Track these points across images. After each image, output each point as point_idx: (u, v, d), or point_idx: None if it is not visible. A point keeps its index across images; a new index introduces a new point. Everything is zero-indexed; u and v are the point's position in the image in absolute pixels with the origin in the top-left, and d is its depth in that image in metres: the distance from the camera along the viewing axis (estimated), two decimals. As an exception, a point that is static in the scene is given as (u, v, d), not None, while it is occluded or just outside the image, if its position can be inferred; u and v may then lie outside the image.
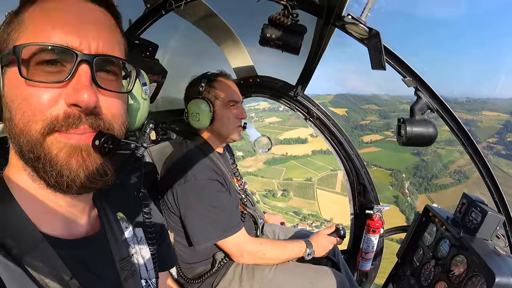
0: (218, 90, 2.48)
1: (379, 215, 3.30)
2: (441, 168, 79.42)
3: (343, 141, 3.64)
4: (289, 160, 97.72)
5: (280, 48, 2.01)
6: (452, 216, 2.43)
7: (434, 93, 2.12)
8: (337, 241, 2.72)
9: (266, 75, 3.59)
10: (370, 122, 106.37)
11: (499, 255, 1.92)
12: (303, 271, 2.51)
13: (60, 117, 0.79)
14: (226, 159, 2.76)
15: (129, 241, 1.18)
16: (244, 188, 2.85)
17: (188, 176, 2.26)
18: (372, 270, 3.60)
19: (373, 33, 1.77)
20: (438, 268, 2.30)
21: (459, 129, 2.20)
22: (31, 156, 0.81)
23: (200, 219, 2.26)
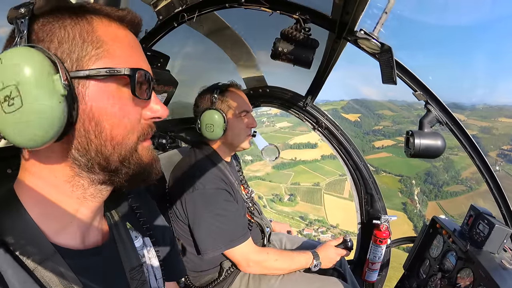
0: (230, 100, 2.50)
1: (386, 225, 3.30)
2: (453, 175, 78.52)
3: (351, 150, 3.66)
4: (298, 165, 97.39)
5: (291, 62, 2.04)
6: (459, 228, 2.44)
7: (444, 106, 2.14)
8: (345, 253, 2.73)
9: (275, 86, 3.63)
10: (383, 127, 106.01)
11: (505, 269, 1.93)
12: (310, 281, 2.52)
13: (145, 130, 0.94)
14: (233, 168, 2.79)
15: (138, 251, 1.18)
16: (251, 197, 2.87)
17: (197, 185, 2.28)
18: (379, 281, 3.59)
19: (385, 48, 1.79)
20: (445, 281, 2.30)
21: (468, 142, 2.22)
22: (125, 164, 0.91)
23: (208, 228, 2.28)
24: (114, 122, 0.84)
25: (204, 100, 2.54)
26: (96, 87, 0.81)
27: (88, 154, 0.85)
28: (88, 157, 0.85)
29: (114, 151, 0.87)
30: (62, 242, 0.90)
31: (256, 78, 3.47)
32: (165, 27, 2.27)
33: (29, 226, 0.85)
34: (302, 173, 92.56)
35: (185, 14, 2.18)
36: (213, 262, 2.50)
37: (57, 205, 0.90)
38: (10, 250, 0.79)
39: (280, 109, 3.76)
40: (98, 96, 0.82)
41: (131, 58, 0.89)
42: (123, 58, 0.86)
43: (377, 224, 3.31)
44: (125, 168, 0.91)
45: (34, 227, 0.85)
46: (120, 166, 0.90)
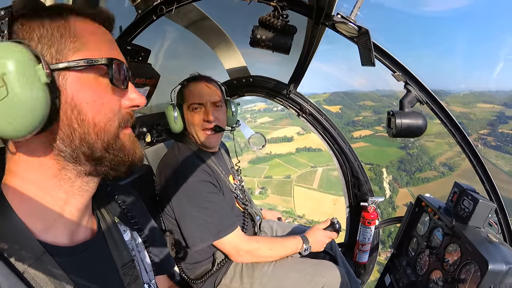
0: (186, 94, 2.49)
1: (373, 207, 3.34)
2: (427, 161, 79.34)
3: (335, 135, 3.67)
4: (273, 159, 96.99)
5: (270, 49, 2.03)
6: (444, 205, 2.46)
7: (424, 86, 2.15)
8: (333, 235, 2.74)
9: (259, 75, 3.61)
10: (363, 118, 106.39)
11: (492, 243, 1.95)
12: (302, 266, 2.53)
13: (125, 117, 0.97)
14: (220, 158, 2.76)
15: (128, 244, 1.19)
16: (241, 186, 2.87)
17: (180, 178, 2.28)
18: (370, 262, 3.63)
19: (363, 31, 1.80)
20: (433, 257, 2.33)
21: (449, 121, 2.24)
22: (110, 150, 0.93)
23: (193, 220, 2.27)
24: (95, 110, 0.88)
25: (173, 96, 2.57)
26: (75, 77, 0.85)
27: (73, 144, 0.87)
28: (73, 146, 0.87)
29: (98, 138, 0.90)
30: (50, 239, 0.90)
31: (239, 69, 3.44)
32: (144, 20, 2.24)
33: (16, 226, 0.84)
34: (276, 167, 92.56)
35: (164, 7, 2.15)
36: (206, 253, 2.49)
37: (43, 202, 0.90)
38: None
39: (264, 97, 3.76)
40: (78, 86, 0.85)
41: (107, 50, 0.92)
42: (100, 50, 0.90)
43: (365, 206, 3.36)
44: (109, 154, 0.93)
45: (22, 227, 0.84)
46: (104, 153, 0.92)
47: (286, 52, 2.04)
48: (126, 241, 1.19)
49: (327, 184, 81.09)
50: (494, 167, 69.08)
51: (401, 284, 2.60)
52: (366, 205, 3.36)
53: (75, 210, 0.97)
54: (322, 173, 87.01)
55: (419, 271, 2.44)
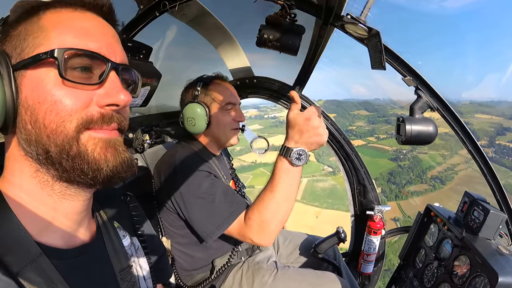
0: (214, 93, 2.46)
1: (380, 216, 3.32)
2: (419, 173, 79.32)
3: (341, 140, 3.66)
4: (258, 168, 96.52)
5: (277, 49, 2.02)
6: (454, 215, 2.46)
7: (435, 92, 2.14)
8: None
9: (263, 76, 3.60)
10: (356, 127, 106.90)
11: (502, 255, 1.95)
12: (305, 277, 2.50)
13: (95, 117, 0.87)
14: (222, 162, 2.74)
15: (127, 250, 1.18)
16: (242, 191, 2.85)
17: (183, 173, 2.23)
18: (375, 273, 3.61)
19: (373, 33, 1.77)
20: (441, 269, 2.32)
21: (460, 128, 2.23)
22: (64, 156, 0.84)
23: (203, 210, 2.16)
24: (46, 109, 0.83)
25: (188, 93, 2.52)
26: (30, 75, 0.83)
27: (33, 145, 0.85)
28: (33, 148, 0.85)
29: (50, 141, 0.84)
30: (47, 241, 0.89)
31: (242, 69, 3.44)
32: (146, 16, 2.22)
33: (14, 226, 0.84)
34: (261, 176, 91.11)
35: (167, 3, 2.14)
36: (204, 260, 2.48)
37: (34, 203, 0.90)
38: None
39: (268, 100, 3.75)
40: (30, 84, 0.83)
41: (74, 40, 0.85)
42: (62, 41, 0.84)
43: (371, 215, 3.34)
44: (67, 161, 0.85)
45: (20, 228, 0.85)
46: (59, 158, 0.85)
47: (294, 53, 2.03)
48: (125, 247, 1.18)
49: (310, 196, 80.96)
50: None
51: (407, 297, 2.57)
52: (372, 214, 3.33)
53: (68, 215, 0.96)
54: (307, 183, 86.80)
55: (427, 283, 2.43)
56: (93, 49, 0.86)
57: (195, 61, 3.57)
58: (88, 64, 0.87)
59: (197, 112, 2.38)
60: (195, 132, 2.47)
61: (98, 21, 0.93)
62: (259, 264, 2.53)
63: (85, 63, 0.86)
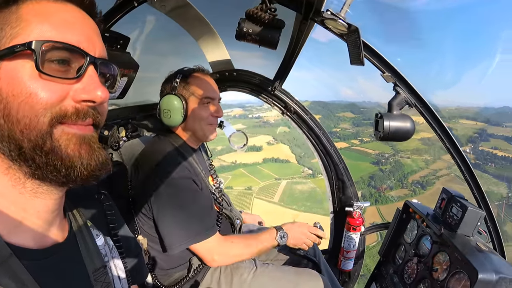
0: (193, 86, 2.42)
1: (359, 212, 3.32)
2: (400, 178, 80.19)
3: (321, 135, 3.63)
4: (238, 168, 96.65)
5: (257, 43, 1.98)
6: (432, 212, 2.47)
7: (413, 88, 2.14)
8: (313, 229, 2.67)
9: (243, 69, 3.54)
10: (341, 129, 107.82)
11: (481, 251, 1.96)
12: (284, 274, 2.48)
13: (69, 112, 0.84)
14: (200, 157, 2.70)
15: (101, 249, 1.15)
16: (220, 188, 2.80)
17: (162, 175, 2.20)
18: (355, 269, 3.62)
19: (352, 29, 1.77)
20: (421, 265, 2.32)
21: (438, 125, 2.24)
22: (37, 152, 0.82)
23: (173, 221, 2.21)
24: (21, 102, 0.79)
25: (167, 85, 2.46)
26: (5, 66, 0.80)
27: (5, 141, 0.82)
28: (5, 144, 0.82)
29: (23, 136, 0.80)
30: (17, 241, 0.86)
31: (222, 62, 3.37)
32: (124, 6, 2.12)
33: None
34: (240, 177, 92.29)
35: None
36: (181, 258, 2.43)
37: (4, 201, 0.86)
38: None
39: (247, 93, 3.69)
40: (6, 76, 0.80)
41: (53, 32, 0.82)
42: (40, 33, 0.81)
43: (350, 212, 3.33)
44: (41, 158, 0.82)
45: None
46: (32, 154, 0.82)
47: (273, 47, 2.00)
48: (98, 246, 1.15)
49: (289, 198, 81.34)
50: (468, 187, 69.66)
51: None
52: (351, 210, 3.33)
53: (40, 214, 0.92)
54: (286, 186, 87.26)
55: (407, 279, 2.43)
56: (72, 42, 0.83)
57: (174, 52, 3.49)
58: (66, 57, 0.84)
59: (173, 105, 2.35)
60: (171, 125, 2.43)
61: (79, 13, 0.90)
62: (238, 262, 2.49)
63: (63, 56, 0.83)
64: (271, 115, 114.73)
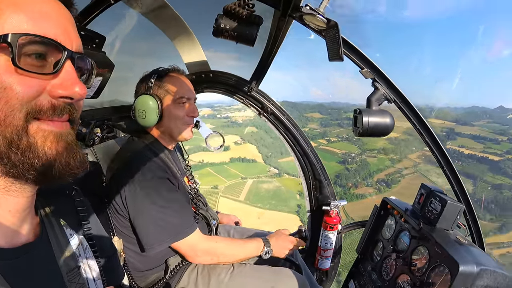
0: (168, 85, 2.39)
1: (336, 211, 3.32)
2: (366, 176, 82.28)
3: (298, 136, 3.64)
4: (205, 167, 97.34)
5: (234, 39, 1.95)
6: (411, 207, 2.48)
7: (392, 84, 2.15)
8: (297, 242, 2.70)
9: (219, 70, 3.52)
10: (309, 129, 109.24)
11: (461, 244, 1.97)
12: (262, 274, 2.48)
13: (45, 107, 0.81)
14: (176, 158, 2.67)
15: (74, 250, 1.11)
16: (196, 188, 2.78)
17: (137, 175, 2.16)
18: (332, 268, 3.62)
19: (332, 24, 1.76)
20: (400, 261, 2.32)
21: (417, 120, 2.26)
22: (13, 149, 0.78)
23: (151, 221, 2.16)
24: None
25: (142, 85, 2.43)
26: None
27: None
28: None
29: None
30: None
31: (199, 63, 3.32)
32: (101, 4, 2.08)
33: None
34: (206, 176, 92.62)
35: (123, -10, 2.03)
36: (158, 259, 2.39)
37: None
38: None
39: (224, 94, 3.66)
40: None
41: (30, 24, 0.78)
42: (17, 25, 0.77)
43: (327, 210, 3.33)
44: (15, 155, 0.79)
45: None
46: (8, 152, 0.78)
47: (251, 43, 1.97)
48: (72, 246, 1.11)
49: (254, 197, 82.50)
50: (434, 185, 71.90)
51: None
52: (328, 209, 3.32)
53: (11, 212, 0.89)
54: (252, 185, 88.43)
55: (385, 276, 2.43)
56: (49, 35, 0.80)
57: (150, 53, 3.43)
58: (43, 51, 0.80)
59: (148, 105, 2.31)
60: (146, 125, 2.39)
61: (54, 2, 0.85)
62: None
63: (41, 50, 0.80)
64: (239, 115, 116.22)
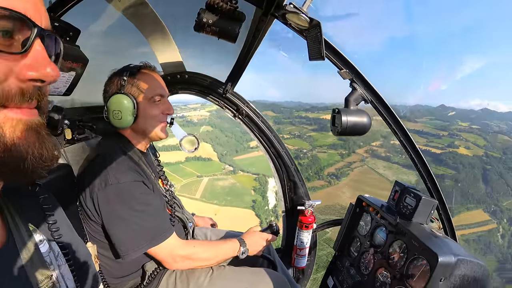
0: (142, 83, 2.27)
1: (311, 210, 3.36)
2: (317, 170, 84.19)
3: (272, 138, 3.65)
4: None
5: (216, 35, 1.92)
6: (386, 204, 2.54)
7: (369, 84, 2.19)
8: (271, 238, 2.70)
9: (195, 72, 3.47)
10: None
11: (437, 237, 2.03)
12: (241, 275, 2.44)
13: (13, 92, 0.70)
14: (149, 160, 2.57)
15: (45, 257, 1.03)
16: (170, 191, 2.70)
17: (110, 179, 2.04)
18: (308, 266, 3.65)
19: (314, 23, 1.78)
20: (378, 255, 2.37)
21: (393, 120, 2.32)
22: None
23: (126, 226, 2.06)
24: None
25: (113, 84, 2.29)
26: None
27: None
28: None
29: None
30: None
31: (174, 64, 3.27)
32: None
33: None
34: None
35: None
36: (134, 265, 2.29)
37: None
38: None
39: (198, 96, 3.63)
40: None
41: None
42: None
43: (302, 210, 3.36)
44: None
45: None
46: None
47: (232, 39, 1.96)
48: (43, 253, 1.03)
49: (210, 194, 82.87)
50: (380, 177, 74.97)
51: (345, 286, 2.61)
52: (303, 209, 3.36)
53: None
54: (208, 182, 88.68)
55: (364, 270, 2.47)
56: (18, 9, 0.69)
57: (125, 52, 3.33)
58: (10, 28, 0.69)
59: (123, 104, 2.19)
60: (121, 127, 2.27)
61: None
62: None
63: (7, 26, 0.69)
64: (195, 115, 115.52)
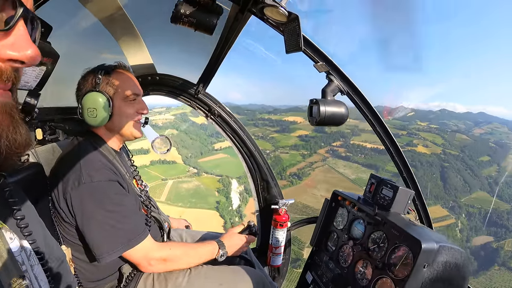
0: (117, 82, 2.22)
1: (284, 209, 3.36)
2: (280, 171, 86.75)
3: (245, 138, 3.65)
4: None
5: (193, 26, 1.89)
6: (362, 196, 2.56)
7: (345, 76, 2.21)
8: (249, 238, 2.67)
9: (166, 73, 3.44)
10: None
11: (416, 226, 2.05)
12: (220, 274, 2.40)
13: None
14: (123, 159, 2.50)
15: (16, 256, 0.97)
16: (145, 191, 2.63)
17: (83, 177, 1.96)
18: (283, 265, 3.66)
19: (292, 17, 1.78)
20: (357, 247, 2.36)
21: (369, 110, 2.34)
22: None
23: (100, 227, 1.97)
24: None
25: (87, 82, 2.23)
26: None
27: None
28: None
29: None
30: None
31: (145, 66, 3.23)
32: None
33: None
34: None
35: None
36: (110, 268, 2.20)
37: None
38: None
39: (170, 97, 3.59)
40: None
41: None
42: None
43: (276, 209, 3.36)
44: None
45: None
46: None
47: (209, 31, 1.92)
48: (13, 252, 0.97)
49: (175, 197, 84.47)
50: (340, 176, 77.07)
51: (325, 279, 2.59)
52: (277, 208, 3.36)
53: None
54: (172, 185, 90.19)
55: (343, 263, 2.45)
56: None
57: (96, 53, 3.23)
58: None
59: (99, 102, 2.13)
60: (96, 125, 2.19)
61: None
62: None
63: None
64: (159, 118, 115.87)
